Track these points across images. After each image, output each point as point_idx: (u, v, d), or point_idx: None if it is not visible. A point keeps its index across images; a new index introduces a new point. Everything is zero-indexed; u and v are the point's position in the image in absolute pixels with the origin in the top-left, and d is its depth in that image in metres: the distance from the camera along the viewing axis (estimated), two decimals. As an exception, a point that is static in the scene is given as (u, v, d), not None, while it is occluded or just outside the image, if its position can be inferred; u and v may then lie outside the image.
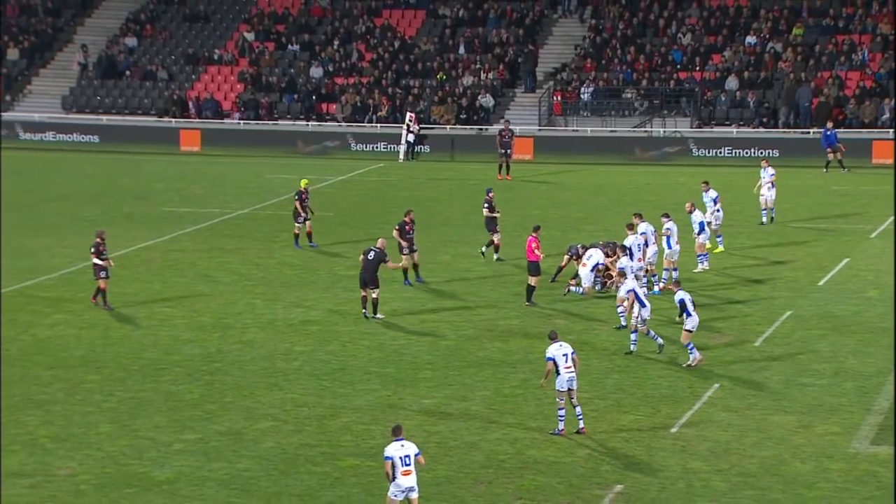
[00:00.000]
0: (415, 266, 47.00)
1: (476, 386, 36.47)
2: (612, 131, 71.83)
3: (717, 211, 50.02)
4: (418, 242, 47.04)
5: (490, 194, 50.86)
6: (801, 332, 40.95)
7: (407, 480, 26.76)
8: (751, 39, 74.61)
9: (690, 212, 46.87)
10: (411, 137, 71.43)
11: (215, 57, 79.90)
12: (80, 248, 49.38)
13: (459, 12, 79.95)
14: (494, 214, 50.03)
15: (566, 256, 46.38)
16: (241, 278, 46.75)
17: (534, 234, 44.17)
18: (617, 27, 77.19)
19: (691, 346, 37.18)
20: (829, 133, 67.11)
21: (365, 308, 42.11)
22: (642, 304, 38.64)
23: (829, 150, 66.93)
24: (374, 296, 42.12)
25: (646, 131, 71.42)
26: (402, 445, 27.00)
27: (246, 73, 78.50)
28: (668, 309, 40.81)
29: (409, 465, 26.84)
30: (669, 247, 45.50)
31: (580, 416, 32.39)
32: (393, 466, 26.71)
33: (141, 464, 31.04)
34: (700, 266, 47.16)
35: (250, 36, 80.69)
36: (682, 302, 37.44)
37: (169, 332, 40.85)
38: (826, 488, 29.82)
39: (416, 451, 27.04)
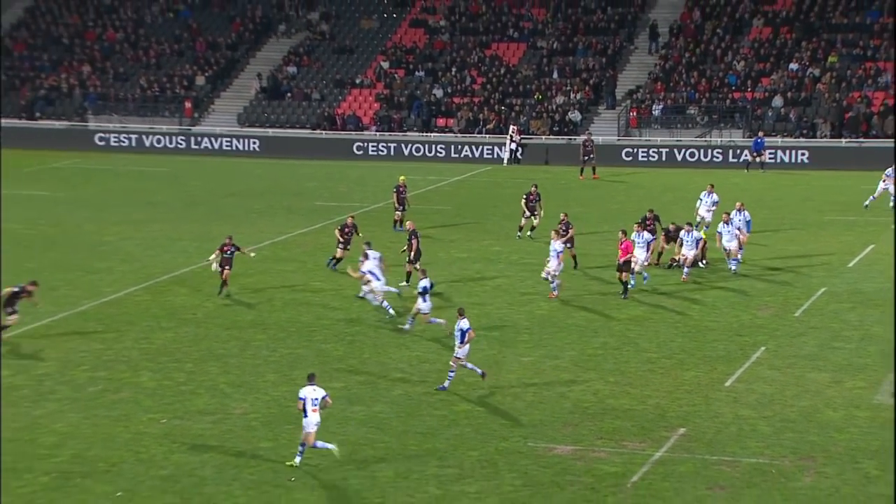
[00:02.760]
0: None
1: (565, 347, 36.63)
2: (677, 141, 71.34)
3: (713, 207, 49.45)
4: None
5: (533, 188, 51.40)
6: (833, 305, 40.86)
7: (315, 416, 27.57)
8: (793, 66, 73.96)
9: (740, 210, 46.19)
10: (513, 146, 71.69)
11: (357, 81, 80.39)
12: (251, 235, 50.27)
13: (553, 44, 79.84)
14: (533, 206, 50.45)
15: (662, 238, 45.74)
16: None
17: (626, 238, 42.33)
18: (683, 55, 76.81)
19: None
20: (759, 140, 67.09)
21: None
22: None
23: (754, 153, 67.04)
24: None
25: (705, 141, 70.89)
26: (314, 389, 27.78)
27: (381, 94, 78.89)
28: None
29: (316, 405, 27.53)
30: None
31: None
32: (304, 405, 27.43)
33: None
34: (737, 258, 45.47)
35: (385, 64, 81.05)
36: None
37: (320, 301, 41.47)
38: (854, 432, 29.88)
39: (325, 394, 27.86)
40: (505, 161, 71.49)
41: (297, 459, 27.60)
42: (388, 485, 27.05)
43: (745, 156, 68.31)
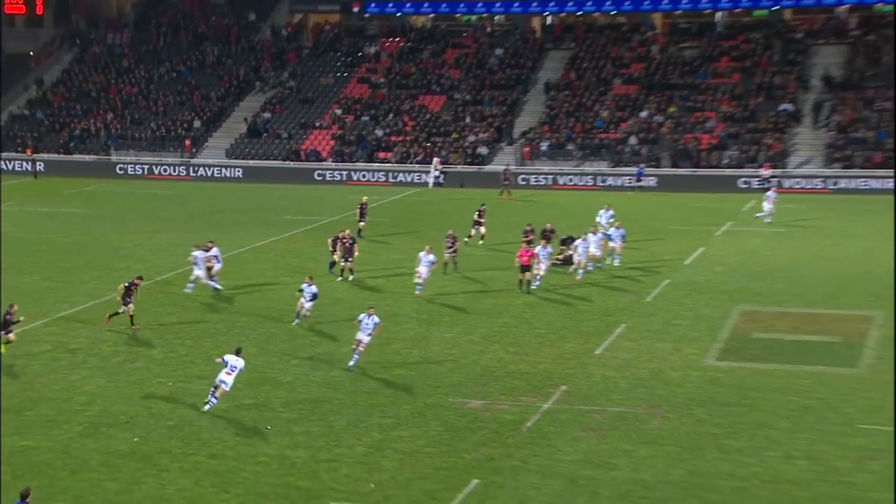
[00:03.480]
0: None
1: (476, 326, 36.76)
2: (560, 169, 71.71)
3: (611, 220, 49.07)
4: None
5: (482, 207, 51.10)
6: (674, 293, 41.01)
7: (228, 378, 28.08)
8: (644, 114, 74.61)
9: (608, 209, 48.61)
10: (436, 174, 71.76)
11: (317, 124, 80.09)
12: (236, 241, 49.99)
13: (466, 96, 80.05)
14: (482, 220, 49.99)
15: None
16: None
17: (526, 249, 41.95)
18: (563, 105, 77.24)
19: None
20: (640, 170, 67.82)
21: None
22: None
23: (637, 180, 67.49)
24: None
25: (580, 170, 71.32)
26: (237, 358, 28.33)
27: (336, 134, 78.71)
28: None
29: (232, 371, 28.16)
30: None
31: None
32: (225, 365, 28.12)
33: (273, 372, 31.46)
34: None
35: (339, 111, 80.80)
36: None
37: (289, 292, 41.13)
38: (689, 387, 30.24)
39: (242, 365, 28.36)
40: (430, 185, 71.55)
41: (212, 402, 28.30)
42: (341, 431, 27.07)
43: (629, 181, 68.42)
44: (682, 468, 24.74)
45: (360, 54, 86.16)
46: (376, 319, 32.01)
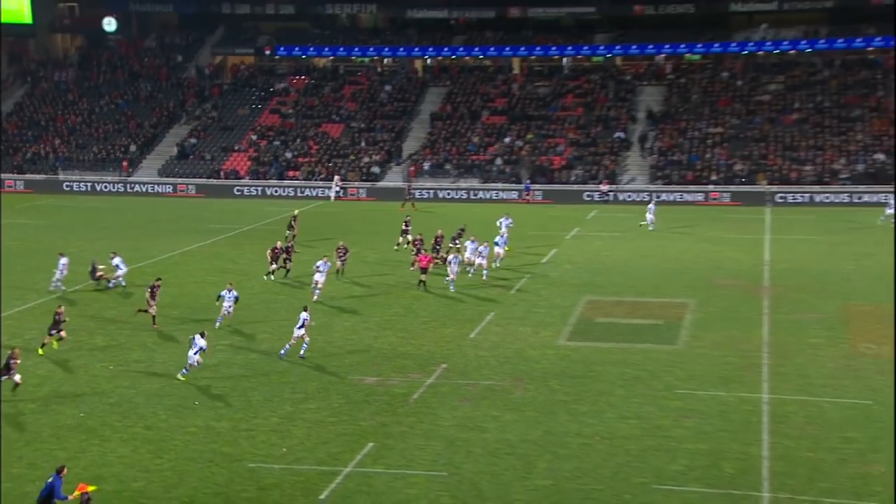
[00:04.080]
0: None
1: (371, 315, 36.54)
2: (440, 185, 71.74)
3: (510, 226, 48.42)
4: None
5: (407, 218, 50.48)
6: (533, 286, 41.15)
7: (192, 356, 28.52)
8: (507, 139, 75.25)
9: (507, 217, 48.12)
10: (337, 189, 71.31)
11: (236, 148, 78.83)
12: (167, 246, 48.99)
13: (361, 125, 79.70)
14: (408, 229, 48.65)
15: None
16: (248, 261, 46.50)
17: (425, 253, 41.52)
18: (441, 132, 77.43)
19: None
20: (528, 185, 68.41)
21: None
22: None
23: (526, 193, 67.98)
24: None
25: (456, 186, 71.58)
26: (203, 339, 28.83)
27: (252, 156, 77.57)
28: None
29: (197, 349, 28.53)
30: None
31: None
32: (192, 345, 28.58)
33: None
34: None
35: (254, 137, 79.67)
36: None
37: (214, 289, 40.50)
38: (545, 364, 30.53)
39: (204, 346, 28.75)
40: (332, 198, 71.05)
41: (184, 372, 28.66)
42: (258, 405, 26.79)
43: (526, 191, 68.25)
44: (539, 429, 25.04)
45: (271, 89, 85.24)
46: (305, 316, 31.16)
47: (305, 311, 31.43)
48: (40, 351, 31.21)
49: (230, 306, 34.62)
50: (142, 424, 25.34)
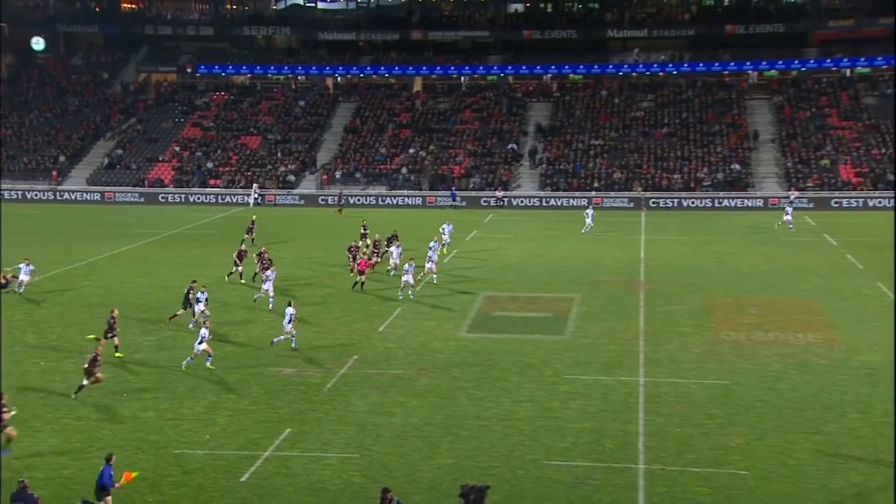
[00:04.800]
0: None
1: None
2: (351, 191, 71.37)
3: (451, 232, 47.85)
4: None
5: (364, 223, 48.74)
6: (437, 283, 40.74)
7: (201, 344, 28.29)
8: (412, 150, 75.31)
9: (448, 223, 47.38)
10: (256, 195, 70.31)
11: (160, 158, 77.04)
12: (96, 250, 47.61)
13: (278, 136, 78.79)
14: (366, 232, 47.04)
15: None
16: (173, 263, 45.57)
17: (363, 258, 40.21)
18: (352, 144, 77.01)
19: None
20: (453, 192, 68.58)
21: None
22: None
23: (453, 199, 68.00)
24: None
25: (366, 193, 71.19)
26: (292, 307, 30.00)
27: (176, 166, 75.90)
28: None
29: (203, 338, 28.30)
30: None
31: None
32: (201, 341, 28.22)
33: (127, 352, 30.02)
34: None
35: (178, 148, 77.96)
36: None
37: (139, 289, 39.68)
38: (448, 354, 30.46)
39: (208, 334, 28.42)
40: (251, 205, 70.03)
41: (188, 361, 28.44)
42: (183, 396, 26.31)
43: (449, 200, 67.68)
44: (442, 413, 25.14)
45: (193, 104, 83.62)
46: (291, 311, 30.52)
47: (290, 306, 30.91)
48: (117, 354, 29.86)
49: (204, 308, 33.19)
50: (72, 416, 24.61)
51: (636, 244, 50.99)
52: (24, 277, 37.97)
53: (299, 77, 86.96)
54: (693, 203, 65.90)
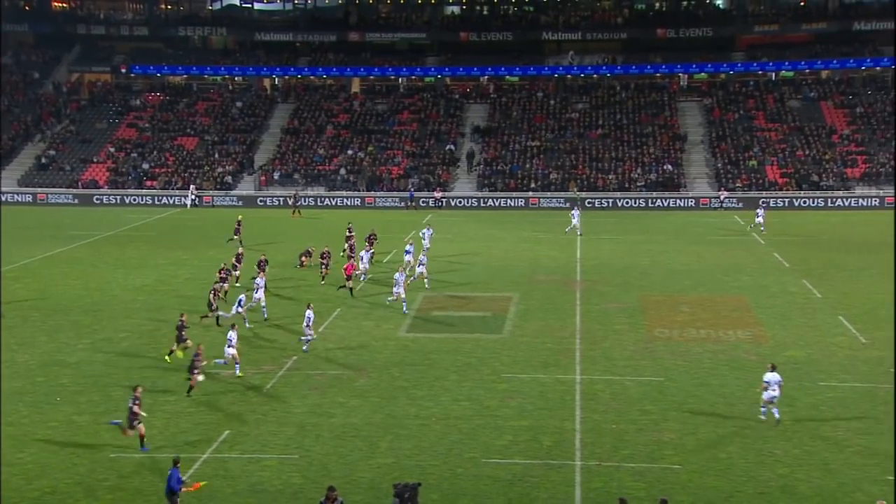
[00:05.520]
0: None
1: (229, 311, 35.70)
2: (289, 193, 70.75)
3: (432, 236, 46.94)
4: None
5: (350, 225, 47.46)
6: (376, 284, 40.36)
7: (230, 350, 27.61)
8: (350, 152, 74.98)
9: (427, 229, 46.03)
10: (193, 197, 69.33)
11: (95, 160, 75.47)
12: (29, 251, 46.42)
13: (216, 138, 77.81)
14: (351, 235, 45.91)
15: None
16: (108, 265, 44.65)
17: (350, 263, 38.88)
18: (290, 145, 76.39)
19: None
20: (411, 193, 68.18)
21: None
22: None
23: (411, 201, 67.23)
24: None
25: (304, 195, 70.61)
26: (310, 310, 29.33)
27: (111, 167, 74.42)
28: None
29: (231, 343, 27.57)
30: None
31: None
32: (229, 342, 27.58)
33: (60, 355, 29.35)
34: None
35: (112, 149, 76.47)
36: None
37: (74, 291, 38.81)
38: (387, 352, 30.58)
39: (232, 338, 27.72)
40: (188, 206, 69.07)
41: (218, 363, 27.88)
42: (119, 399, 25.80)
43: (409, 201, 67.10)
44: (382, 413, 25.10)
45: (128, 105, 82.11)
46: (310, 314, 29.92)
47: (309, 308, 30.46)
48: (167, 358, 29.05)
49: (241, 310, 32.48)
50: (5, 420, 23.96)
51: (572, 244, 51.51)
52: None
53: (236, 78, 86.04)
54: (627, 203, 66.82)
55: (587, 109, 77.96)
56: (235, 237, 49.22)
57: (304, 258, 43.92)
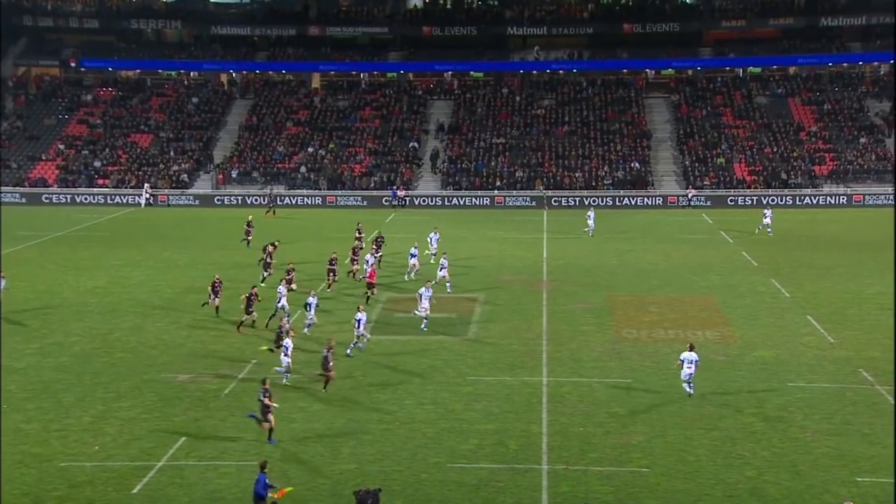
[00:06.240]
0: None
1: (180, 316, 35.28)
2: (248, 192, 70.28)
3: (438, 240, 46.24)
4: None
5: (359, 226, 46.33)
6: (339, 285, 39.96)
7: (284, 359, 27.31)
8: (311, 149, 74.68)
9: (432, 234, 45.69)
10: (147, 196, 68.64)
11: (43, 157, 74.42)
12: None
13: (170, 134, 77.09)
14: (361, 235, 45.56)
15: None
16: (58, 266, 44.02)
17: (373, 269, 37.99)
18: (248, 142, 75.91)
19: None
20: (394, 190, 67.80)
21: None
22: None
23: (393, 198, 66.71)
24: None
25: (263, 192, 70.13)
26: (289, 340, 27.53)
27: (61, 165, 73.43)
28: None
29: (287, 348, 27.09)
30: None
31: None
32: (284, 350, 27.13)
33: (8, 360, 28.89)
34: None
35: (62, 146, 75.49)
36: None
37: (23, 294, 38.18)
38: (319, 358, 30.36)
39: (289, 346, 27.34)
40: (143, 205, 68.39)
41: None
42: (70, 406, 25.52)
43: (392, 199, 66.74)
44: (345, 417, 25.03)
45: (79, 100, 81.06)
46: (360, 316, 29.92)
47: (360, 311, 30.17)
48: (262, 349, 29.75)
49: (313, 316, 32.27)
50: (-51, 432, 23.58)
51: (539, 243, 51.72)
52: None
53: (192, 73, 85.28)
54: (594, 201, 67.25)
55: (553, 106, 78.34)
56: (248, 238, 48.86)
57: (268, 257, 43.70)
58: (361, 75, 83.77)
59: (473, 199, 68.17)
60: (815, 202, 65.77)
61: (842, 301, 37.47)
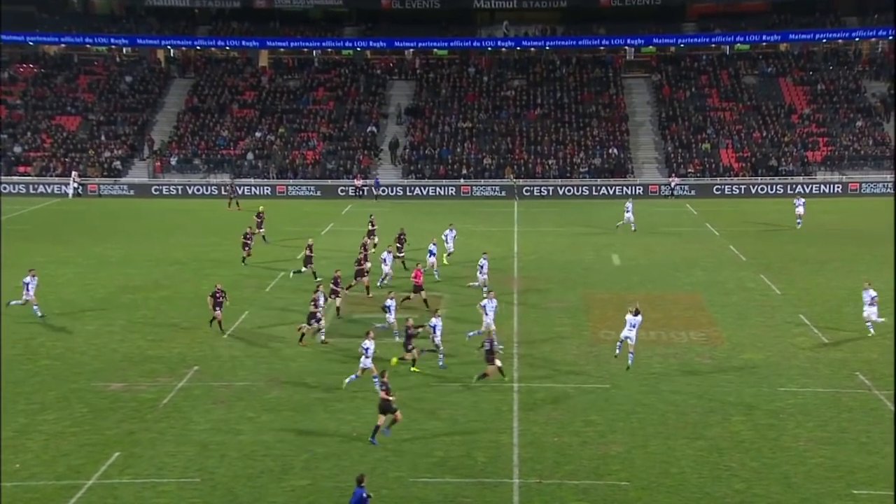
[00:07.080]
0: None
1: (115, 318, 34.97)
2: (188, 181, 69.68)
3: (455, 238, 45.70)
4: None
5: (372, 217, 47.22)
6: (290, 282, 40.22)
7: (366, 362, 27.23)
8: (258, 134, 74.20)
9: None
10: (75, 185, 67.96)
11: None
12: None
13: (100, 117, 76.29)
14: (374, 228, 45.78)
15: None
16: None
17: (418, 268, 37.46)
18: (191, 127, 75.36)
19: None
20: (377, 181, 67.47)
21: None
22: None
23: (376, 188, 66.70)
24: None
25: (206, 180, 69.54)
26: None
27: (-23, 150, 72.71)
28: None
29: (366, 351, 27.26)
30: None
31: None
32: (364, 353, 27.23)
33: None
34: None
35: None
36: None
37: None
38: (302, 360, 30.52)
39: (371, 351, 27.42)
40: (70, 196, 67.67)
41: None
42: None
43: (373, 191, 66.58)
44: (297, 428, 24.96)
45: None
46: (435, 321, 29.73)
47: (437, 316, 29.84)
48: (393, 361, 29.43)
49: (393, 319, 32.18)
50: None
51: (509, 236, 51.86)
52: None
53: (125, 49, 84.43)
54: (569, 191, 67.61)
55: (524, 87, 78.58)
56: (260, 230, 48.83)
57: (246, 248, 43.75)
58: (314, 53, 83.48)
59: (437, 189, 68.24)
60: (807, 191, 66.57)
61: (837, 298, 37.96)
